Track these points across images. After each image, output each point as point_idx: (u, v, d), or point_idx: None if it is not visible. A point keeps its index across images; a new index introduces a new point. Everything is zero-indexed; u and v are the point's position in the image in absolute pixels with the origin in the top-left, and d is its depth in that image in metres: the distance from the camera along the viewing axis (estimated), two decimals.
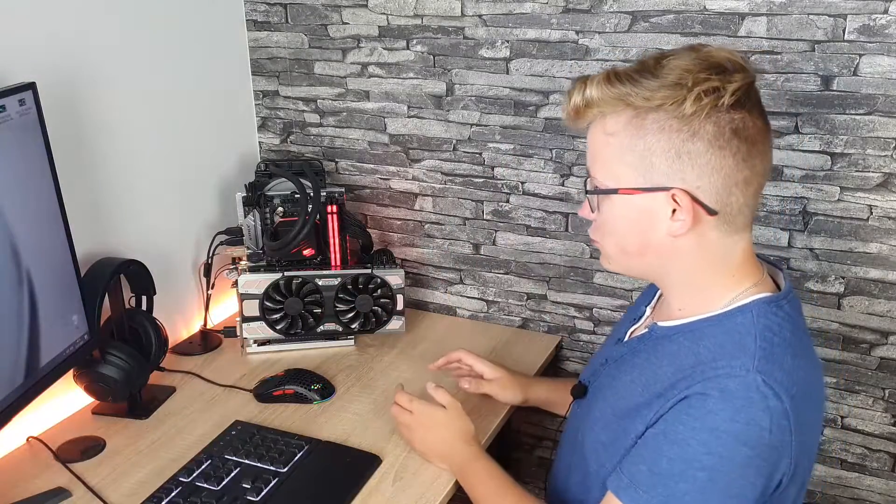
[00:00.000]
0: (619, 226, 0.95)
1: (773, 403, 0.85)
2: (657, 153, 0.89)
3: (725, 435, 0.85)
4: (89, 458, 1.25)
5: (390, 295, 1.56)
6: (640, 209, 0.92)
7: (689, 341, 0.94)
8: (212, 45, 1.67)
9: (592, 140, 0.95)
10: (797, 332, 0.93)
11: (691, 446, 0.86)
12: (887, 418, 1.43)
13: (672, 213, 0.90)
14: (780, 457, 0.87)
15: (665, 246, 0.93)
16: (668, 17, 1.37)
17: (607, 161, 0.93)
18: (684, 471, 0.86)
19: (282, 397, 1.39)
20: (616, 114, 0.91)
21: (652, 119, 0.88)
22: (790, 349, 0.90)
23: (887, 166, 1.30)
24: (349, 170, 1.76)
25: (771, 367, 0.87)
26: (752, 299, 0.93)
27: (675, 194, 0.89)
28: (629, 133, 0.90)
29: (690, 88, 0.86)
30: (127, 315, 1.39)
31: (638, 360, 1.01)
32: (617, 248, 0.98)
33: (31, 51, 1.26)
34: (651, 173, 0.90)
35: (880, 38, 1.24)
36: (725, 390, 0.86)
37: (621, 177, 0.92)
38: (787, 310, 0.94)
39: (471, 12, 1.52)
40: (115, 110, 1.44)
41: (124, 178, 1.48)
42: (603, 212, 0.96)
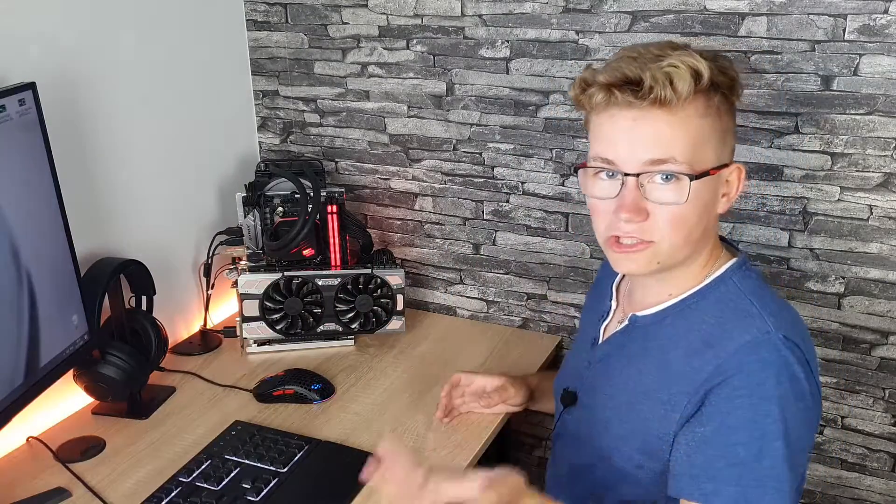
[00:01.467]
0: (698, 212, 0.93)
1: (797, 354, 0.90)
2: (729, 131, 0.96)
3: (780, 399, 0.88)
4: (89, 458, 1.25)
5: (390, 295, 1.56)
6: (713, 190, 0.95)
7: (682, 320, 0.98)
8: (212, 45, 1.67)
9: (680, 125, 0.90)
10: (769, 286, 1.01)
11: (757, 423, 0.88)
12: (887, 418, 1.43)
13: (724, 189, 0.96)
14: (815, 401, 0.92)
15: (711, 226, 0.98)
16: (668, 17, 1.37)
17: (699, 144, 0.91)
18: (762, 447, 0.87)
19: (282, 397, 1.39)
20: (702, 96, 0.91)
21: (719, 100, 0.93)
22: (777, 303, 0.97)
23: (887, 166, 1.30)
24: (349, 170, 1.76)
25: (781, 322, 0.92)
26: (724, 268, 0.99)
27: (739, 167, 0.97)
28: (713, 115, 0.93)
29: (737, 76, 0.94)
30: (127, 315, 1.39)
31: (631, 352, 1.02)
32: (682, 240, 0.94)
33: (31, 51, 1.26)
34: (724, 152, 0.96)
35: (880, 38, 1.24)
36: (762, 360, 0.89)
37: (707, 159, 0.93)
38: (755, 270, 1.02)
39: (471, 12, 1.52)
40: (115, 110, 1.44)
41: (124, 178, 1.48)
42: (688, 201, 0.91)
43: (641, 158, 0.91)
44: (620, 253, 0.96)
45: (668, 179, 0.91)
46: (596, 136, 0.95)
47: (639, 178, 0.91)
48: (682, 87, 0.88)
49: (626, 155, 0.91)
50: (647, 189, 0.91)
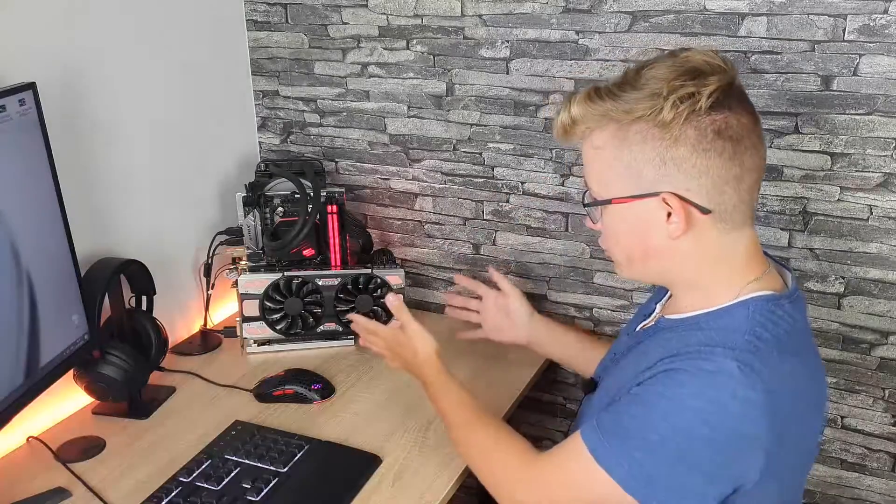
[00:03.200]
0: (620, 234, 0.99)
1: (743, 392, 0.87)
2: (643, 162, 0.92)
3: (686, 410, 0.88)
4: (89, 458, 1.25)
5: None
6: (637, 216, 0.95)
7: (686, 331, 0.97)
8: (212, 45, 1.67)
9: (584, 155, 0.99)
10: (794, 332, 0.94)
11: (653, 411, 0.90)
12: (887, 418, 1.43)
13: (668, 216, 0.93)
14: (748, 447, 0.89)
15: (666, 249, 0.96)
16: (668, 17, 1.37)
17: (599, 174, 0.97)
18: (640, 430, 0.90)
19: (282, 397, 1.39)
20: (601, 128, 0.94)
21: (634, 130, 0.91)
22: (779, 346, 0.91)
23: (887, 166, 1.30)
24: (349, 170, 1.76)
25: (752, 359, 0.88)
26: (752, 295, 0.95)
27: (666, 198, 0.92)
28: (614, 145, 0.93)
29: (666, 97, 0.88)
30: (127, 315, 1.39)
31: (639, 349, 1.04)
32: (623, 256, 1.01)
33: (31, 51, 1.26)
34: (640, 181, 0.93)
35: (880, 38, 1.24)
36: (699, 368, 0.89)
37: (613, 187, 0.95)
38: (788, 309, 0.95)
39: (471, 12, 1.52)
40: (115, 110, 1.44)
41: (124, 177, 1.48)
42: (605, 223, 0.99)
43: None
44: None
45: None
46: None
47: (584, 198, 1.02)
48: (558, 128, 0.98)
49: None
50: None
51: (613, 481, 0.90)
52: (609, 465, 0.91)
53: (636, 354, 1.03)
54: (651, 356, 0.97)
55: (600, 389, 1.11)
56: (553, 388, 1.71)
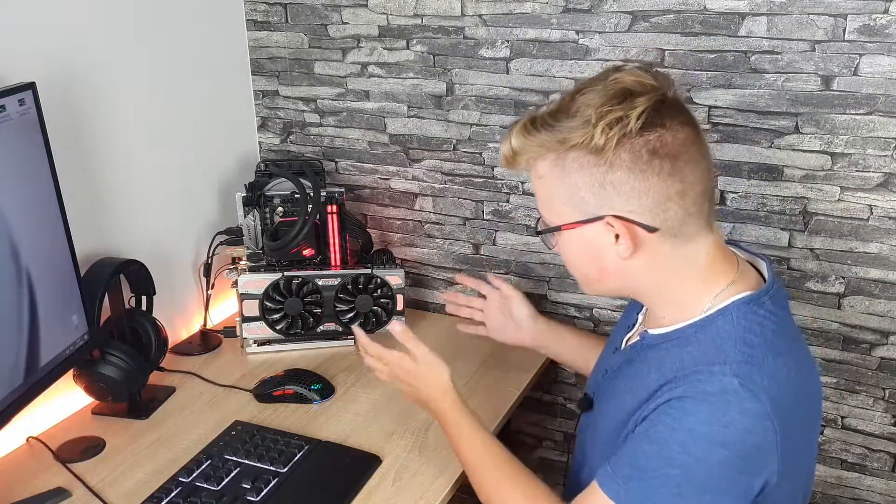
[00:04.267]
0: (574, 258, 1.01)
1: (749, 405, 0.86)
2: (583, 188, 0.93)
3: (701, 436, 0.87)
4: (89, 458, 1.25)
5: (390, 295, 1.56)
6: (586, 240, 0.96)
7: (675, 347, 0.96)
8: (212, 45, 1.67)
9: (532, 184, 1.00)
10: (781, 329, 0.94)
11: (668, 445, 0.88)
12: (887, 418, 1.43)
13: (616, 238, 0.93)
14: (765, 456, 0.89)
15: (620, 268, 0.96)
16: (668, 16, 1.37)
17: (546, 202, 0.99)
18: (659, 468, 0.89)
19: (282, 397, 1.39)
20: (542, 158, 0.95)
21: (571, 158, 0.92)
22: (771, 349, 0.91)
23: (887, 166, 1.30)
24: (349, 170, 1.76)
25: (749, 369, 0.88)
26: (731, 300, 0.94)
27: (609, 221, 0.93)
28: (554, 174, 0.94)
29: (596, 123, 0.89)
30: (127, 315, 1.39)
31: (632, 371, 1.03)
32: (582, 277, 1.03)
33: (31, 51, 1.26)
34: (584, 206, 0.94)
35: (880, 38, 1.24)
36: (703, 392, 0.88)
37: (561, 214, 0.97)
38: (769, 307, 0.95)
39: (471, 12, 1.52)
40: (115, 110, 1.44)
41: (124, 177, 1.48)
42: (559, 247, 1.01)
43: None
44: None
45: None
46: None
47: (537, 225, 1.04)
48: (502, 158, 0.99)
49: None
50: None
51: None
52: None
53: (630, 377, 1.02)
54: (647, 381, 0.96)
55: (599, 408, 1.09)
56: (553, 388, 1.71)
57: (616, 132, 0.88)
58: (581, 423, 1.16)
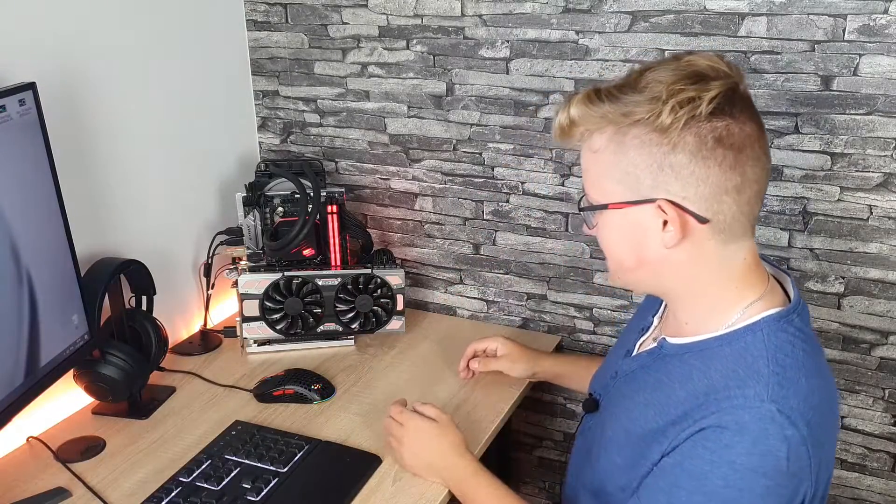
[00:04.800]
0: (614, 241, 0.96)
1: (789, 433, 0.84)
2: (640, 167, 0.89)
3: (743, 468, 0.84)
4: (89, 458, 1.25)
5: (390, 295, 1.56)
6: (632, 223, 0.92)
7: (700, 362, 0.93)
8: (212, 45, 1.67)
9: (582, 158, 0.96)
10: (809, 348, 0.91)
11: (709, 479, 0.85)
12: (887, 418, 1.43)
13: (663, 224, 0.89)
14: (800, 482, 0.87)
15: (661, 258, 0.92)
16: (668, 17, 1.37)
17: (596, 178, 0.94)
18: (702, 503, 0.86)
19: (282, 397, 1.39)
20: (599, 131, 0.91)
21: (633, 134, 0.88)
22: (804, 371, 0.88)
23: (887, 166, 1.30)
24: (349, 170, 1.76)
25: (785, 393, 0.85)
26: (761, 316, 0.91)
27: (661, 205, 0.88)
28: (612, 150, 0.90)
29: (666, 101, 0.85)
30: (127, 315, 1.39)
31: (650, 379, 0.99)
32: (616, 264, 0.98)
33: (31, 51, 1.26)
34: (637, 187, 0.90)
35: (880, 38, 1.24)
36: (741, 422, 0.85)
37: (610, 192, 0.92)
38: (798, 324, 0.92)
39: (471, 12, 1.52)
40: (115, 110, 1.44)
41: (124, 177, 1.48)
42: (599, 228, 0.97)
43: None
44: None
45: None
46: None
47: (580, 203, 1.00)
48: (557, 128, 0.95)
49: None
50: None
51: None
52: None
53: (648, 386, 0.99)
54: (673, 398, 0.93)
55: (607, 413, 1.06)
56: (553, 388, 1.71)
57: (685, 113, 0.85)
58: (584, 425, 1.15)
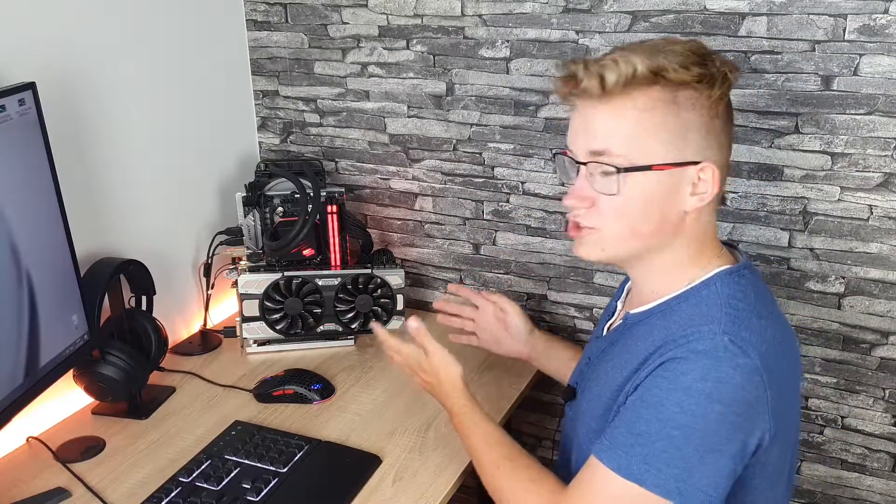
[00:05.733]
0: (638, 205, 0.94)
1: (741, 361, 0.88)
2: (692, 129, 0.92)
3: (697, 394, 0.88)
4: (89, 458, 1.25)
5: (390, 295, 1.56)
6: (667, 185, 0.94)
7: (660, 320, 0.98)
8: (212, 45, 1.67)
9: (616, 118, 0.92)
10: (760, 296, 0.98)
11: (665, 406, 0.89)
12: (887, 418, 1.43)
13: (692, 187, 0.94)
14: (756, 414, 0.90)
15: (676, 223, 0.96)
16: (669, 16, 1.37)
17: (639, 138, 0.92)
18: (660, 430, 0.89)
19: (282, 397, 1.39)
20: (648, 88, 0.91)
21: (685, 96, 0.91)
22: (755, 311, 0.94)
23: (887, 166, 1.30)
24: (349, 170, 1.76)
25: (737, 328, 0.91)
26: (713, 273, 0.98)
27: (705, 168, 0.93)
28: (663, 109, 0.91)
29: (720, 69, 0.91)
30: (127, 315, 1.39)
31: (616, 349, 1.04)
32: (625, 231, 0.96)
33: (31, 51, 1.26)
34: (684, 149, 0.92)
35: (880, 38, 1.24)
36: (696, 352, 0.90)
37: (653, 153, 0.92)
38: (749, 277, 0.99)
39: (471, 12, 1.52)
40: (115, 110, 1.44)
41: (124, 177, 1.48)
42: (624, 191, 0.93)
43: (585, 148, 0.95)
44: (573, 237, 1.01)
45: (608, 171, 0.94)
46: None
47: (587, 167, 0.95)
48: (610, 79, 0.90)
49: (574, 144, 0.97)
50: (594, 178, 0.95)
51: (649, 492, 0.89)
52: (639, 477, 0.89)
53: (615, 354, 1.03)
54: (635, 352, 0.98)
55: (582, 394, 1.10)
56: (553, 388, 1.71)
57: (727, 84, 0.92)
58: (567, 416, 1.17)
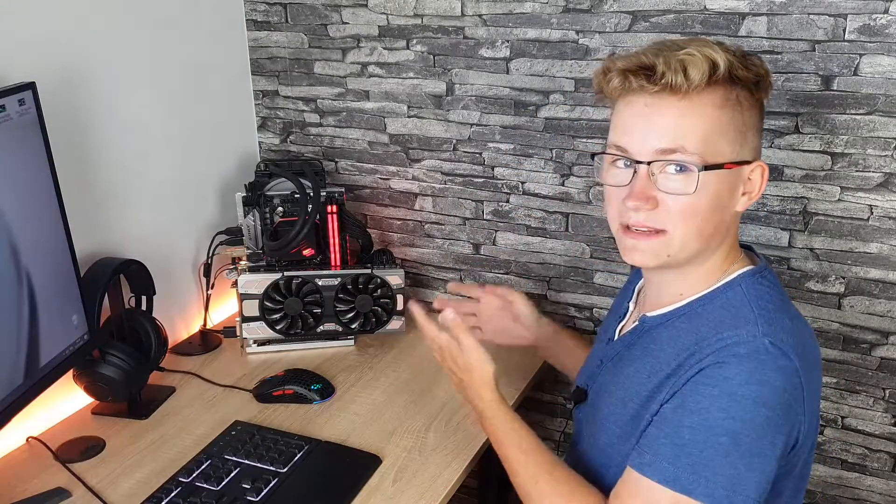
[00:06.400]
0: (709, 205, 0.92)
1: (783, 363, 0.88)
2: (750, 129, 0.93)
3: (743, 398, 0.87)
4: (89, 458, 1.25)
5: (390, 295, 1.56)
6: (730, 185, 0.94)
7: (685, 323, 0.97)
8: (212, 45, 1.67)
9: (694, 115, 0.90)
10: (783, 297, 0.98)
11: (711, 413, 0.87)
12: (887, 418, 1.43)
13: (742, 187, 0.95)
14: (795, 413, 0.90)
15: (729, 224, 0.97)
16: (669, 16, 1.37)
17: (713, 136, 0.91)
18: (707, 438, 0.87)
19: (282, 397, 1.39)
20: (720, 86, 0.90)
21: (743, 96, 0.92)
22: (785, 312, 0.94)
23: (888, 166, 1.30)
24: (349, 170, 1.76)
25: (774, 329, 0.90)
26: (737, 274, 0.97)
27: (755, 167, 0.95)
28: (732, 107, 0.91)
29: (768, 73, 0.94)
30: (127, 315, 1.39)
31: (636, 352, 1.02)
32: (693, 232, 0.93)
33: (31, 51, 1.26)
34: (743, 148, 0.93)
35: (881, 38, 1.24)
36: (738, 355, 0.88)
37: (723, 152, 0.92)
38: (771, 279, 0.99)
39: (471, 12, 1.52)
40: (115, 110, 1.44)
41: (124, 178, 1.48)
42: (697, 192, 0.91)
43: (652, 147, 0.91)
44: (630, 239, 0.96)
45: (680, 170, 0.91)
46: (614, 123, 0.96)
47: (650, 167, 0.91)
48: (694, 74, 0.88)
49: (639, 143, 0.92)
50: (658, 178, 0.91)
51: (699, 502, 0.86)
52: (689, 488, 0.87)
53: (634, 358, 1.01)
54: (663, 357, 0.95)
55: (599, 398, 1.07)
56: (553, 388, 1.71)
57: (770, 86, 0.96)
58: (575, 417, 1.16)
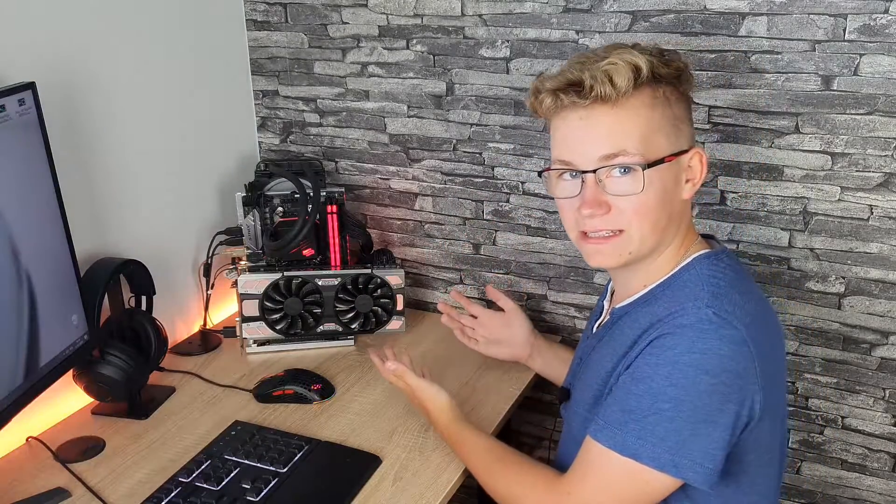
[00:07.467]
0: (657, 199, 0.98)
1: (726, 332, 0.91)
2: (683, 119, 0.99)
3: (685, 365, 0.90)
4: (89, 458, 1.25)
5: (390, 295, 1.56)
6: (673, 176, 0.99)
7: (645, 307, 1.01)
8: (212, 45, 1.67)
9: (629, 118, 0.96)
10: (739, 275, 1.01)
11: (655, 381, 0.92)
12: (887, 418, 1.43)
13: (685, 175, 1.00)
14: (746, 383, 0.92)
15: (677, 213, 1.01)
16: (669, 16, 1.37)
17: (650, 134, 0.97)
18: (651, 404, 0.92)
19: (282, 397, 1.39)
20: (646, 87, 0.96)
21: (668, 91, 0.98)
22: (735, 288, 0.97)
23: (888, 166, 1.30)
24: (349, 170, 1.76)
25: (721, 302, 0.94)
26: (692, 258, 1.02)
27: (694, 154, 1.00)
28: (660, 103, 0.97)
29: (687, 64, 1.00)
30: (126, 315, 1.39)
31: (604, 342, 1.07)
32: (649, 227, 0.99)
33: (31, 51, 1.26)
34: (679, 139, 0.98)
35: (881, 38, 1.24)
36: (681, 326, 0.93)
37: (661, 147, 0.97)
38: (727, 261, 1.03)
39: (471, 12, 1.52)
40: (115, 110, 1.44)
41: (124, 177, 1.48)
42: (648, 189, 0.96)
43: (594, 155, 0.97)
44: (590, 245, 1.02)
45: (625, 172, 0.96)
46: (554, 140, 1.02)
47: (596, 174, 0.97)
48: (620, 81, 0.94)
49: (581, 154, 0.98)
50: (605, 183, 0.98)
51: (645, 466, 0.91)
52: (635, 452, 0.92)
53: (604, 348, 1.06)
54: (624, 339, 1.00)
55: (576, 392, 1.12)
56: (553, 388, 1.70)
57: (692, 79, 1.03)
58: (562, 417, 1.19)
